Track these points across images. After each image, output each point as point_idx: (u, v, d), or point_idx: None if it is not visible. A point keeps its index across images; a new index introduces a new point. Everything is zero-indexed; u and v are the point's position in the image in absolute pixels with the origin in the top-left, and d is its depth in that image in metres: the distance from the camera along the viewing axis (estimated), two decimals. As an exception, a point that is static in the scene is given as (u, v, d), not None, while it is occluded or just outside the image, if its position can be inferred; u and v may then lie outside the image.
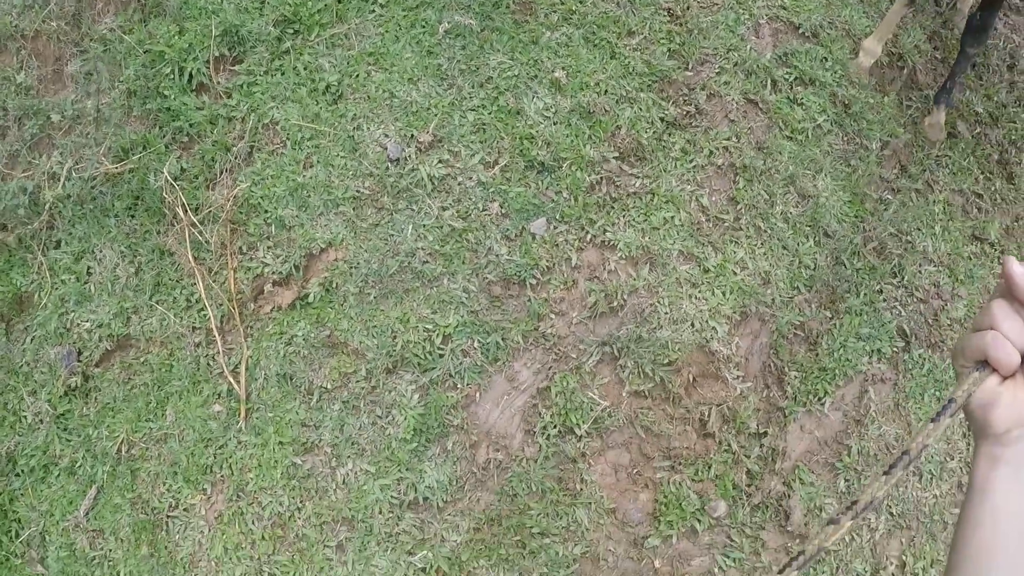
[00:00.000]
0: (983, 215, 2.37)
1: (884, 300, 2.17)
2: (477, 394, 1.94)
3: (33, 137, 2.26)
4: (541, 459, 1.90)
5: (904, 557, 2.02)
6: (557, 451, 1.91)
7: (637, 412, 1.94)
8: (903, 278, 2.21)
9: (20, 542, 2.06)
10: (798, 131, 2.22)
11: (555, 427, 1.91)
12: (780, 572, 0.64)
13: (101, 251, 2.16)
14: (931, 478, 2.07)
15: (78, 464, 2.06)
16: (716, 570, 1.91)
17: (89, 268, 2.16)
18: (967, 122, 2.44)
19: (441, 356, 1.94)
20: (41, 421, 2.10)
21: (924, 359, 2.15)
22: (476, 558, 1.86)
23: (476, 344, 1.95)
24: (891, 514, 2.02)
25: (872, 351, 2.11)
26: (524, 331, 1.97)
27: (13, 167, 2.25)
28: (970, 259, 2.30)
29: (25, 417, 2.11)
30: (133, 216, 2.16)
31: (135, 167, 2.17)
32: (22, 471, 2.09)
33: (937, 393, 2.15)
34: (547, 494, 1.90)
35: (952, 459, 2.12)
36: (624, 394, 1.94)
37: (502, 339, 1.96)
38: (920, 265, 2.24)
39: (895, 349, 2.14)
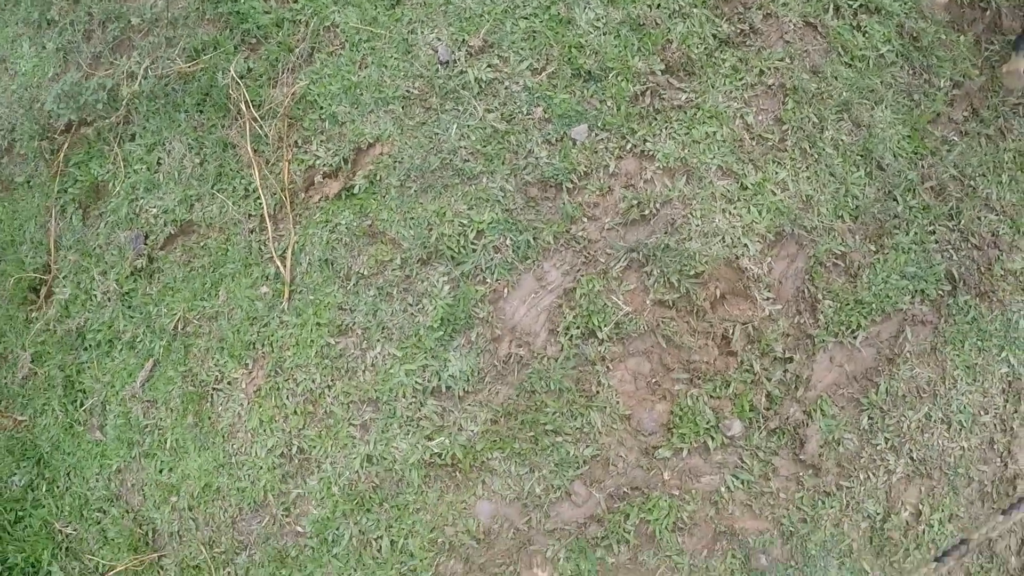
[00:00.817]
0: (1058, 166, 2.22)
1: (936, 242, 2.08)
2: (505, 290, 2.00)
3: (115, 39, 2.45)
4: (562, 359, 1.95)
5: (920, 506, 1.95)
6: (578, 353, 1.95)
7: (660, 321, 1.95)
8: (959, 222, 2.10)
9: (84, 410, 2.29)
10: (858, 58, 2.13)
11: (578, 328, 1.95)
12: None
13: (171, 143, 2.34)
14: (960, 428, 1.99)
15: (138, 339, 2.26)
16: (723, 490, 1.92)
17: (159, 159, 2.34)
18: (1050, 69, 2.27)
19: (474, 251, 2.01)
20: (109, 299, 2.30)
21: (970, 306, 2.06)
22: (490, 449, 1.94)
23: (508, 241, 2.01)
24: (911, 459, 1.96)
25: (915, 291, 2.04)
26: (556, 232, 2.01)
27: (96, 67, 2.46)
28: (1036, 210, 2.17)
29: (95, 295, 2.32)
30: (201, 111, 2.33)
31: (206, 66, 2.33)
32: (89, 345, 2.30)
33: (979, 343, 2.05)
34: (564, 394, 1.95)
35: (986, 413, 2.02)
36: (648, 302, 1.96)
37: (534, 239, 2.01)
38: (980, 211, 2.13)
39: (940, 292, 2.05)
